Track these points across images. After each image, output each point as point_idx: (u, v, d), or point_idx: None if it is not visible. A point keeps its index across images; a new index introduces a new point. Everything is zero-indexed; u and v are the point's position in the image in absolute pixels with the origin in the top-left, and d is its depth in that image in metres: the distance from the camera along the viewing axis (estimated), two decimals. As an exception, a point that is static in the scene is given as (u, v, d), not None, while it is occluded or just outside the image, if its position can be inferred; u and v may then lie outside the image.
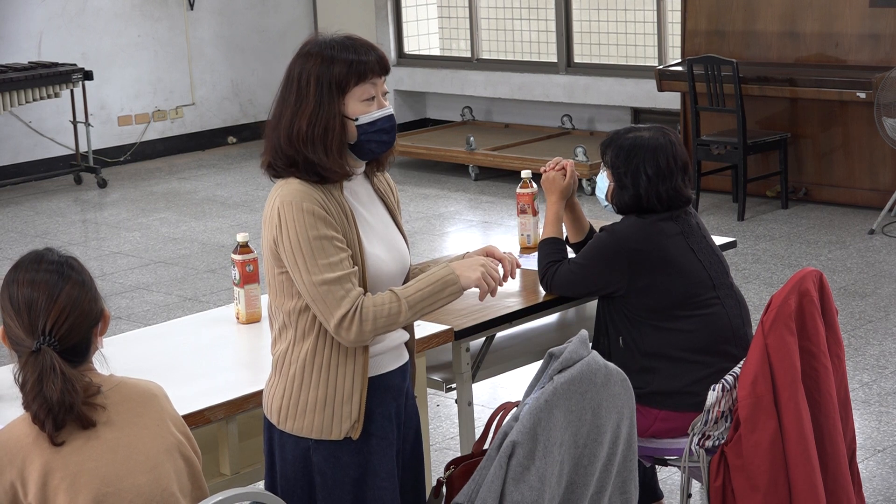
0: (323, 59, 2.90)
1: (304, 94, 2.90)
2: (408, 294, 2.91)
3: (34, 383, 2.51)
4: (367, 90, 2.93)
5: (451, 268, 2.96)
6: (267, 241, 2.96)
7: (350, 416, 2.97)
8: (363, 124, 2.93)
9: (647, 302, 3.81)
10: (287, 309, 2.97)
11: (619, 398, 3.03)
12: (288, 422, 2.99)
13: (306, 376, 2.96)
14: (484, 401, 5.45)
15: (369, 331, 2.88)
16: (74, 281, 2.59)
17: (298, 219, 2.88)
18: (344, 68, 2.89)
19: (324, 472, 3.00)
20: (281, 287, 2.96)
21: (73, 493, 2.52)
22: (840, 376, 3.67)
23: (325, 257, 2.87)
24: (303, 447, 3.00)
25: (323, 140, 2.90)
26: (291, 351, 2.98)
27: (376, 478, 3.02)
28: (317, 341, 2.95)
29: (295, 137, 2.90)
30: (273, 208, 2.92)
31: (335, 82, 2.89)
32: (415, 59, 11.48)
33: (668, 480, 4.69)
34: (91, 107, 10.26)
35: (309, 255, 2.87)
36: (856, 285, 6.92)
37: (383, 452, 3.04)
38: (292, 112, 2.91)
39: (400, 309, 2.89)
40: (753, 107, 8.61)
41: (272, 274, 2.98)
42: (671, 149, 3.87)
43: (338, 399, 2.96)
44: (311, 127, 2.89)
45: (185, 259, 8.08)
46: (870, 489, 4.61)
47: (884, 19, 8.26)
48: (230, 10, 11.45)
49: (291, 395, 2.98)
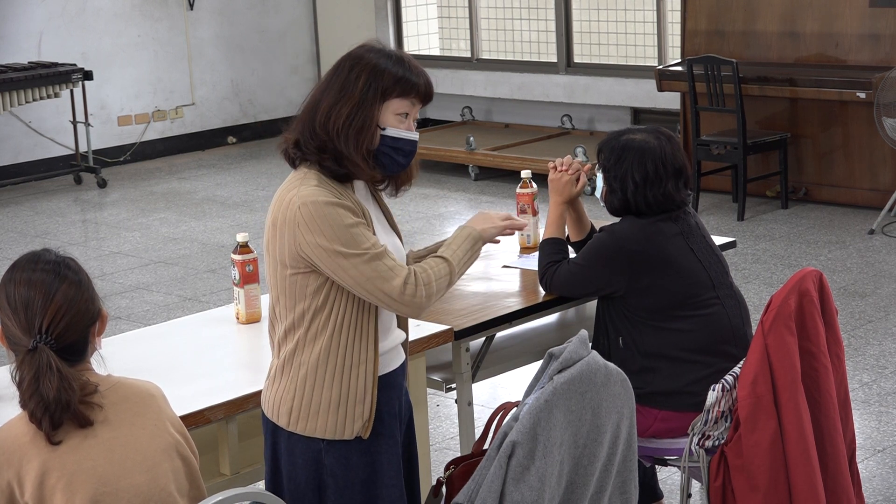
0: (378, 62, 2.96)
1: (350, 86, 2.94)
2: (449, 254, 3.03)
3: (31, 381, 2.51)
4: (405, 107, 2.98)
5: (469, 227, 3.10)
6: (284, 242, 2.93)
7: (362, 415, 2.98)
8: (387, 136, 2.97)
9: (647, 302, 3.81)
10: (300, 310, 2.96)
11: (618, 398, 3.03)
12: (300, 423, 2.98)
13: (319, 377, 2.96)
14: (484, 401, 5.45)
15: (434, 293, 2.97)
16: (71, 280, 2.60)
17: (328, 213, 2.89)
18: (394, 77, 2.96)
19: (335, 475, 3.00)
20: (292, 288, 2.95)
21: (70, 492, 2.51)
22: (840, 376, 3.67)
23: (365, 240, 2.90)
24: (314, 450, 2.99)
25: (357, 136, 2.93)
26: (301, 352, 2.97)
27: (384, 477, 3.03)
28: (330, 341, 2.95)
29: (332, 125, 2.93)
30: (291, 210, 2.91)
31: (382, 86, 2.94)
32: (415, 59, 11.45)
33: (668, 480, 4.69)
34: (91, 107, 10.26)
35: (349, 242, 2.88)
36: (856, 285, 6.92)
37: (390, 451, 3.05)
38: (334, 100, 2.94)
39: (450, 269, 3.01)
40: (753, 107, 8.61)
41: (282, 276, 2.96)
42: (661, 153, 3.83)
43: (351, 398, 2.96)
44: (349, 119, 2.92)
45: (185, 259, 8.08)
46: (870, 489, 4.61)
47: (884, 19, 8.26)
48: (230, 10, 11.45)
49: (303, 396, 2.97)
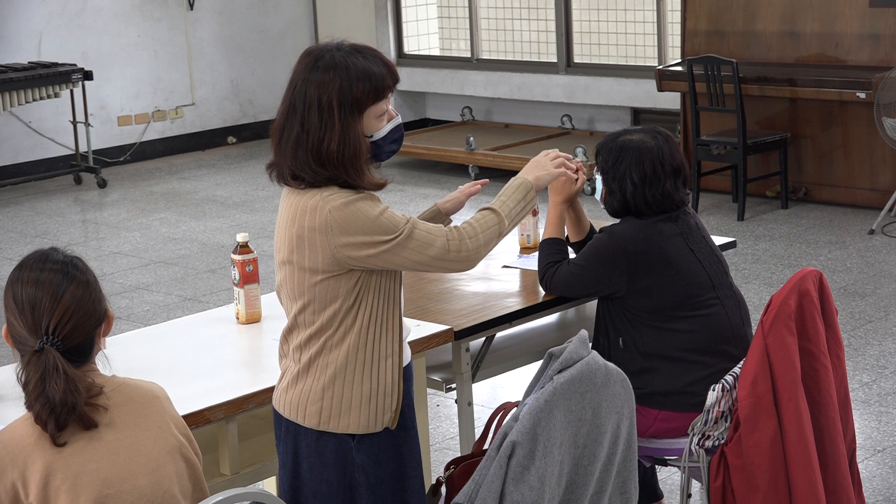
0: (341, 77, 2.91)
1: (327, 117, 2.91)
2: (498, 206, 3.08)
3: (37, 383, 2.50)
4: (381, 107, 2.98)
5: (521, 176, 3.19)
6: (308, 254, 2.93)
7: (391, 406, 3.01)
8: (377, 140, 2.99)
9: (647, 303, 3.81)
10: (329, 312, 2.96)
11: (619, 398, 3.04)
12: (332, 421, 2.99)
13: (349, 374, 2.97)
14: (484, 401, 5.45)
15: (483, 244, 3.03)
16: (79, 281, 2.58)
17: (361, 209, 2.91)
18: (363, 88, 2.92)
19: (367, 471, 3.01)
20: (323, 293, 2.95)
21: (75, 494, 2.51)
22: (840, 376, 3.67)
23: (397, 222, 2.95)
24: (345, 447, 3.00)
25: (354, 162, 2.93)
26: (328, 353, 2.98)
27: (408, 468, 3.06)
28: (358, 338, 2.97)
29: (327, 161, 2.92)
30: (320, 218, 2.91)
31: (356, 103, 2.92)
32: (415, 59, 11.48)
33: (668, 480, 4.69)
34: (91, 107, 10.26)
35: (386, 229, 2.92)
36: (856, 285, 6.92)
37: (412, 442, 3.09)
38: (319, 136, 2.91)
39: (499, 219, 3.06)
40: (753, 107, 8.61)
41: (310, 284, 2.95)
42: (658, 152, 3.83)
43: (381, 391, 2.99)
44: (341, 149, 2.91)
45: (185, 259, 8.08)
46: (870, 489, 4.61)
47: (884, 19, 8.26)
48: (230, 10, 11.45)
49: (333, 395, 2.98)
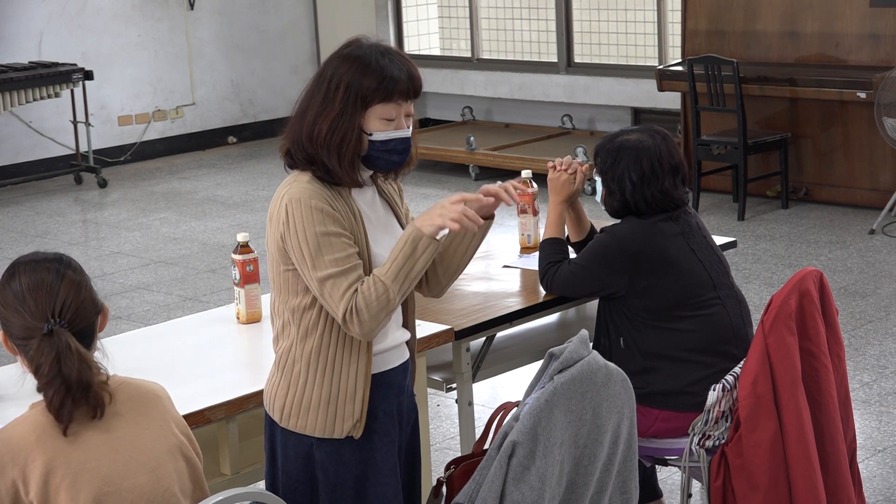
0: (357, 67, 2.91)
1: (331, 97, 2.92)
2: (384, 271, 2.90)
3: (52, 364, 2.50)
4: (389, 111, 2.94)
5: (413, 224, 2.93)
6: (273, 237, 2.97)
7: (353, 415, 2.98)
8: (376, 141, 2.95)
9: (648, 302, 3.81)
10: (291, 306, 2.98)
11: (619, 398, 3.03)
12: (291, 419, 3.00)
13: (310, 374, 2.97)
14: (484, 401, 5.45)
15: (369, 320, 2.87)
16: (73, 268, 2.63)
17: (307, 215, 2.89)
18: (373, 83, 2.90)
19: (327, 470, 3.01)
20: (286, 284, 2.98)
21: (75, 491, 2.51)
22: (840, 376, 3.66)
23: (331, 253, 2.88)
24: (306, 444, 3.01)
25: (338, 148, 2.92)
26: (294, 348, 2.99)
27: (378, 475, 3.03)
28: (321, 339, 2.96)
29: (315, 138, 2.93)
30: (281, 205, 2.94)
31: (361, 95, 2.91)
32: (415, 58, 11.42)
33: (668, 480, 4.69)
34: (91, 107, 10.26)
35: (315, 250, 2.88)
36: (856, 285, 6.92)
37: (386, 450, 3.05)
38: (316, 112, 2.93)
39: (386, 287, 2.87)
40: (754, 107, 8.61)
41: (277, 271, 2.99)
42: (656, 151, 3.83)
43: (341, 398, 2.97)
44: (330, 132, 2.92)
45: (185, 259, 8.08)
46: (870, 489, 4.61)
47: (884, 19, 8.26)
48: (230, 10, 11.45)
49: (295, 393, 2.99)
